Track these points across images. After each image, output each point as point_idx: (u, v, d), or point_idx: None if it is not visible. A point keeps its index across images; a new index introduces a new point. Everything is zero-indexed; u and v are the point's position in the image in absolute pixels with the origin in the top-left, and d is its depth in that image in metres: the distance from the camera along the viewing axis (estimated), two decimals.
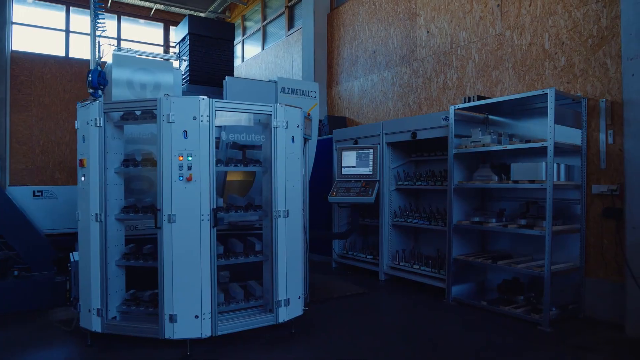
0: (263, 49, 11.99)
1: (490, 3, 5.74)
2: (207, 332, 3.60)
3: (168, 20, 13.74)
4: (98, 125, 3.72)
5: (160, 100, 3.55)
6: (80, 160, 3.83)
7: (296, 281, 4.08)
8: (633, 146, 4.07)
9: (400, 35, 7.19)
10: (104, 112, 3.74)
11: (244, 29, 13.28)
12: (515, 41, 5.41)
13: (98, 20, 4.76)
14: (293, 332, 4.08)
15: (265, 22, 11.93)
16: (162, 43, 13.84)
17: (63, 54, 12.11)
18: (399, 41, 7.22)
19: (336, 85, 8.76)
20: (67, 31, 12.20)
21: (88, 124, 3.75)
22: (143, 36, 13.61)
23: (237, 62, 13.19)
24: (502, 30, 5.59)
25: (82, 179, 3.84)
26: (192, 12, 13.61)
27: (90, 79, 3.98)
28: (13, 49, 11.34)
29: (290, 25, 10.69)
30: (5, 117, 10.93)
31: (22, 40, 11.65)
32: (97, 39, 4.59)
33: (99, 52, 4.39)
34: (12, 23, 11.39)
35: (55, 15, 12.22)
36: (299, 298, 4.13)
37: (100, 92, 4.05)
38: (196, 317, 3.57)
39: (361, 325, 4.45)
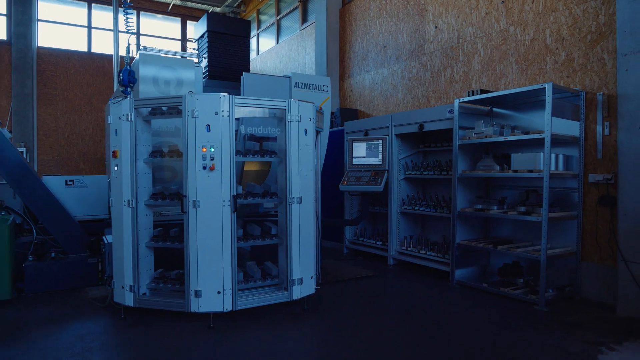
0: (277, 42, 12.30)
1: None
2: (228, 307, 3.99)
3: (185, 15, 14.12)
4: (129, 120, 4.11)
5: (186, 97, 3.92)
6: (114, 152, 4.23)
7: (309, 262, 4.44)
8: (625, 138, 4.32)
9: (410, 30, 7.45)
10: (135, 108, 4.13)
11: (259, 23, 13.59)
12: (519, 36, 5.65)
13: (127, 21, 5.14)
14: (306, 309, 4.46)
15: (280, 16, 12.22)
16: (179, 37, 14.22)
17: (85, 49, 12.58)
18: (409, 36, 7.48)
19: (348, 79, 9.05)
20: (89, 27, 12.66)
21: (120, 118, 4.14)
22: (161, 31, 14.01)
23: (253, 55, 13.53)
24: (506, 26, 5.82)
25: (115, 168, 4.24)
26: (208, 7, 13.96)
27: (121, 77, 4.36)
28: (39, 45, 11.83)
29: (304, 19, 10.97)
30: (32, 111, 11.46)
31: (46, 37, 12.13)
32: (128, 38, 4.97)
33: (128, 51, 4.76)
34: (38, 20, 11.87)
35: (78, 12, 12.67)
36: (312, 278, 4.50)
37: (129, 89, 4.43)
38: (218, 292, 3.96)
39: (369, 304, 4.81)
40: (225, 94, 3.96)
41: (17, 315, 4.43)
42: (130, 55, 5.72)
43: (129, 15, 5.75)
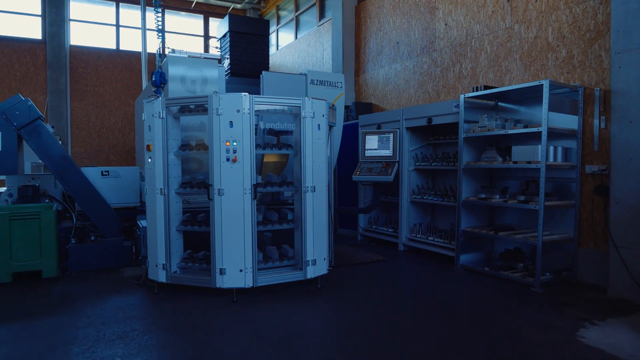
0: (296, 38, 12.70)
1: None
2: (249, 283, 4.48)
3: (208, 12, 14.62)
4: (161, 117, 4.61)
5: (211, 97, 4.39)
6: (147, 146, 4.74)
7: (322, 245, 4.90)
8: (618, 131, 4.61)
9: (421, 27, 7.77)
10: (166, 107, 4.62)
11: (278, 19, 14.00)
12: (523, 34, 5.93)
13: (158, 21, 5.67)
14: (319, 287, 4.92)
15: (298, 12, 12.61)
16: (202, 34, 14.74)
17: (114, 47, 13.21)
18: (420, 33, 7.80)
19: (363, 74, 9.41)
20: (117, 25, 13.29)
21: (153, 116, 4.65)
22: (185, 27, 14.54)
23: (272, 50, 13.96)
24: (511, 23, 6.11)
25: (149, 160, 4.75)
26: (229, 4, 14.43)
27: (154, 79, 4.86)
28: (71, 43, 12.51)
29: (321, 15, 11.34)
30: (66, 106, 12.18)
31: (78, 35, 12.80)
32: (160, 41, 5.47)
33: (159, 53, 5.25)
34: (70, 20, 12.54)
35: (106, 11, 13.29)
36: (324, 259, 4.95)
37: (160, 89, 4.92)
38: (240, 271, 4.46)
39: (377, 284, 5.25)
40: (246, 93, 4.41)
41: (64, 290, 5.03)
42: (159, 51, 6.22)
43: (159, 15, 6.23)
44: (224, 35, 7.49)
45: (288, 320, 4.05)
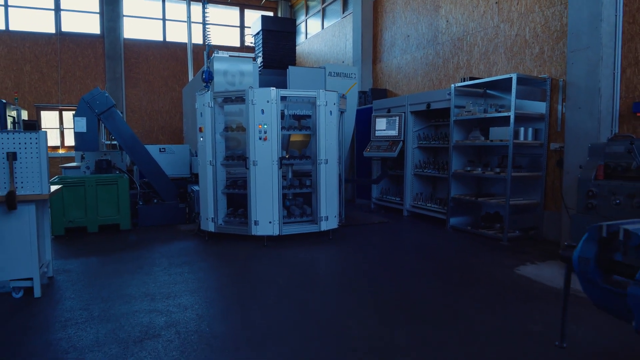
0: (322, 28, 13.90)
1: (491, 0, 7.31)
2: (276, 232, 5.93)
3: (243, 4, 15.98)
4: (210, 106, 6.06)
5: (247, 91, 5.79)
6: (200, 128, 6.22)
7: (333, 205, 6.28)
8: (570, 115, 5.73)
9: (427, 23, 8.87)
10: (213, 98, 6.06)
11: (307, 8, 15.20)
12: (507, 32, 7.01)
13: (206, 13, 7.18)
14: (330, 238, 6.33)
15: (325, 4, 13.78)
16: (238, 24, 16.13)
17: (161, 39, 14.81)
18: (426, 27, 8.91)
19: (379, 63, 10.59)
20: (164, 19, 14.85)
21: (204, 105, 6.10)
22: (222, 18, 15.95)
23: (302, 38, 15.23)
24: (498, 22, 7.18)
25: (201, 139, 6.23)
26: None
27: (204, 77, 6.30)
28: (125, 37, 14.19)
29: (345, 8, 12.49)
30: (122, 92, 13.93)
31: (130, 29, 14.45)
32: (208, 49, 6.92)
33: (207, 55, 6.71)
34: (124, 16, 14.19)
35: (154, 5, 14.85)
36: (335, 216, 6.34)
37: (209, 85, 6.36)
38: (270, 222, 5.91)
39: (379, 237, 6.60)
40: (274, 88, 5.79)
41: (138, 238, 6.64)
42: (207, 49, 7.65)
43: (207, 12, 7.66)
44: (257, 33, 8.85)
45: (304, 256, 5.49)
